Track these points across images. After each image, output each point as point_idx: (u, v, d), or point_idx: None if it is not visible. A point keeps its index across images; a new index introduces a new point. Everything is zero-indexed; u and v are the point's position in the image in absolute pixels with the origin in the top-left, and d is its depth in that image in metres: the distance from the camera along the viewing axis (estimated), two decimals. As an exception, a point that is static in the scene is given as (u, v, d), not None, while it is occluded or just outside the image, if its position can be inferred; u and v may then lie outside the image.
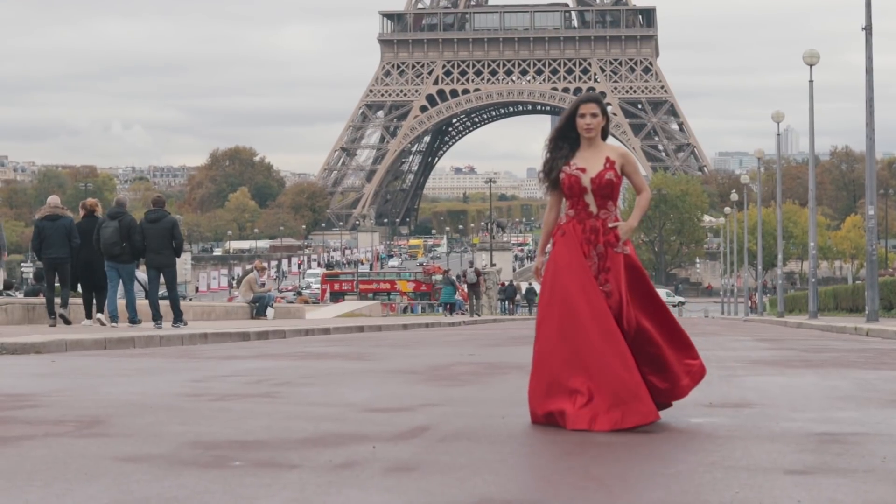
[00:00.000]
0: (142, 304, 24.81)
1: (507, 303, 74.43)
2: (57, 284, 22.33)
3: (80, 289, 23.29)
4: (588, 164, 7.41)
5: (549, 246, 7.60)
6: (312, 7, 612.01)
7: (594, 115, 7.42)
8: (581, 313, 7.20)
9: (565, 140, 7.49)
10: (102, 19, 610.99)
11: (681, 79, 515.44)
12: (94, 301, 23.01)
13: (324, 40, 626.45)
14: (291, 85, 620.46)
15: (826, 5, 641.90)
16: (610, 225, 7.44)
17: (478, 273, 60.49)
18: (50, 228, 22.00)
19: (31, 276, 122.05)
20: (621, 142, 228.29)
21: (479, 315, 56.69)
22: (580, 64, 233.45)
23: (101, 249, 21.95)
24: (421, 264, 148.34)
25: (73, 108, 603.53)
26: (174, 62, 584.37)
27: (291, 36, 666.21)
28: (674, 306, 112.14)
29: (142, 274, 27.59)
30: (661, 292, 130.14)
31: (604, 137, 7.54)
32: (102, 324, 22.22)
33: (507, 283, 78.11)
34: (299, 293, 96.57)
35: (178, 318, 22.73)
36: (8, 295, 28.63)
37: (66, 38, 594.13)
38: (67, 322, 22.41)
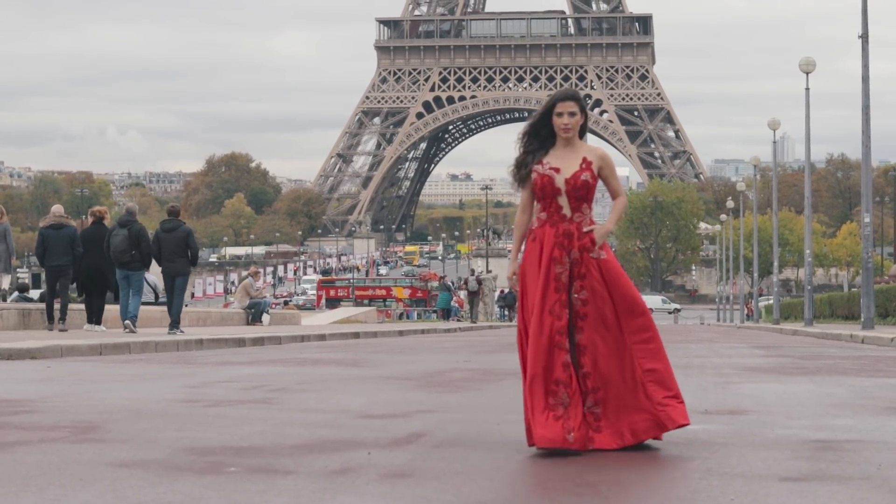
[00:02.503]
0: (143, 309, 24.91)
1: (506, 310, 74.44)
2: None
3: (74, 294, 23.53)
4: (563, 163, 6.88)
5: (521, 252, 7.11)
6: (308, 14, 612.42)
7: (572, 114, 6.88)
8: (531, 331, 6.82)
9: (537, 137, 6.96)
10: (97, 24, 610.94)
11: (677, 86, 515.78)
12: (92, 307, 23.15)
13: (320, 47, 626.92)
14: (287, 91, 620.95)
15: (820, 13, 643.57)
16: (585, 229, 6.87)
17: (479, 281, 60.50)
18: (54, 237, 22.42)
19: (26, 281, 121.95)
20: (618, 149, 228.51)
21: (478, 321, 56.88)
22: (577, 71, 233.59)
23: (111, 257, 22.33)
24: (407, 274, 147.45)
25: (68, 113, 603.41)
26: (169, 68, 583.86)
27: (287, 42, 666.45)
28: (669, 313, 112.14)
29: (151, 276, 27.66)
30: (656, 299, 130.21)
31: (581, 136, 7.01)
32: (132, 330, 22.24)
33: (506, 291, 78.16)
34: (286, 302, 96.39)
35: (175, 324, 22.83)
36: (25, 299, 28.72)
37: (61, 43, 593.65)
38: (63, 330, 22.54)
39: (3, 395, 10.20)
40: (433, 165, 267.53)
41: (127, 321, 22.33)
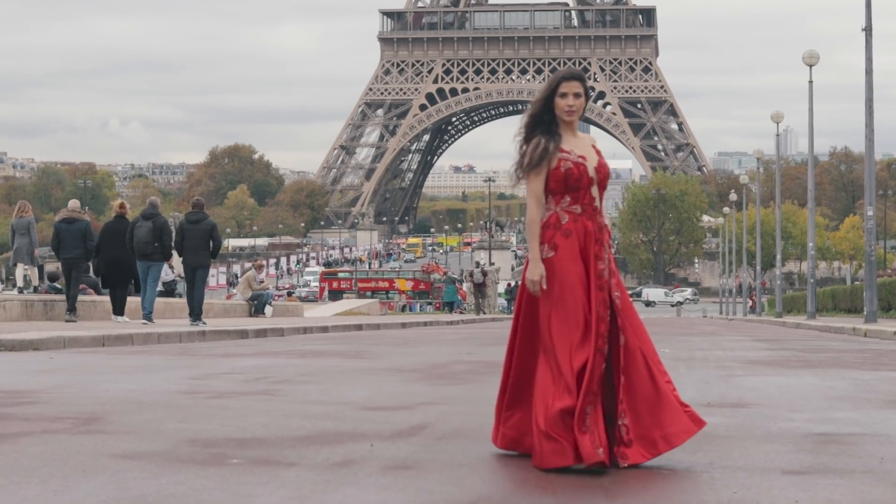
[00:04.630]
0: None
1: (512, 303, 74.63)
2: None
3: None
4: (583, 151, 6.17)
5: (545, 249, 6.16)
6: (309, 5, 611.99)
7: (577, 95, 6.15)
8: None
9: (541, 123, 6.19)
10: (97, 17, 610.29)
11: (680, 79, 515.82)
12: (116, 299, 23.88)
13: (321, 39, 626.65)
14: (289, 83, 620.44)
15: (822, 6, 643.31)
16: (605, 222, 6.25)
17: (484, 273, 61.43)
18: (66, 231, 23.17)
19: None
20: (621, 142, 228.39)
21: (484, 313, 57.39)
22: (580, 63, 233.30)
23: (133, 248, 23.05)
24: (395, 269, 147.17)
25: (69, 104, 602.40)
26: (169, 60, 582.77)
27: (289, 34, 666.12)
28: (672, 306, 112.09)
29: (166, 266, 28.24)
30: (659, 292, 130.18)
31: None
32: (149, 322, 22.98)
33: (512, 283, 78.28)
34: (290, 293, 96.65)
35: (197, 316, 23.27)
36: (55, 289, 28.99)
37: (61, 35, 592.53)
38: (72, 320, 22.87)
39: (5, 387, 10.20)
40: (436, 157, 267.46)
41: (144, 319, 22.96)
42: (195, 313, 23.25)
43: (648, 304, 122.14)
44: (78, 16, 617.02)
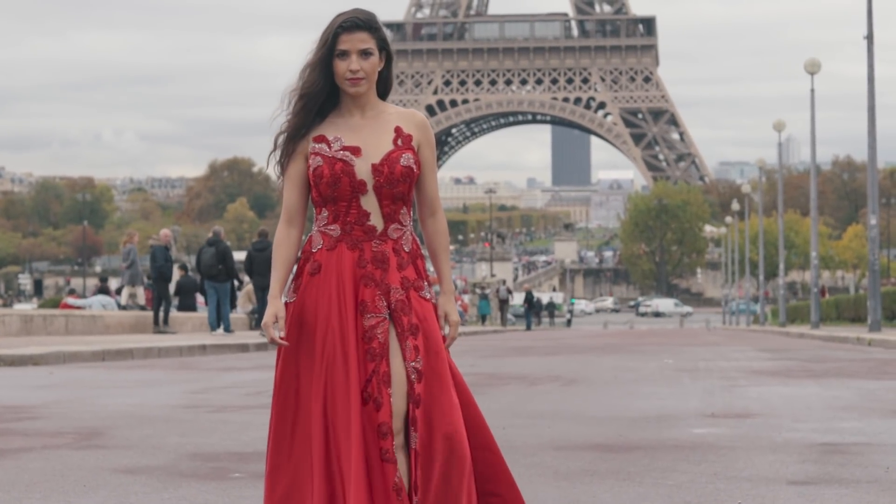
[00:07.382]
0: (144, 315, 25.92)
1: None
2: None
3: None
4: (363, 139, 4.04)
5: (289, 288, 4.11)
6: (306, 16, 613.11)
7: (366, 54, 4.01)
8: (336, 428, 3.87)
9: (311, 97, 4.06)
10: (83, 31, 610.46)
11: (681, 88, 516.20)
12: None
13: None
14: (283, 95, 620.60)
15: (819, 15, 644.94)
16: (406, 248, 4.05)
17: (509, 291, 67.96)
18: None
19: (28, 286, 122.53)
20: (622, 152, 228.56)
21: (505, 325, 62.60)
22: (580, 73, 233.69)
23: (201, 271, 25.55)
24: None
25: (62, 118, 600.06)
26: (158, 74, 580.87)
27: (284, 44, 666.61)
28: (682, 316, 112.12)
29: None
30: (668, 302, 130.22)
31: (384, 94, 4.16)
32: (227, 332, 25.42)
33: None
34: None
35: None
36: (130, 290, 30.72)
37: (49, 50, 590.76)
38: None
39: (6, 402, 10.17)
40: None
41: (219, 329, 25.32)
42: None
43: (658, 314, 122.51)
44: (64, 31, 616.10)
